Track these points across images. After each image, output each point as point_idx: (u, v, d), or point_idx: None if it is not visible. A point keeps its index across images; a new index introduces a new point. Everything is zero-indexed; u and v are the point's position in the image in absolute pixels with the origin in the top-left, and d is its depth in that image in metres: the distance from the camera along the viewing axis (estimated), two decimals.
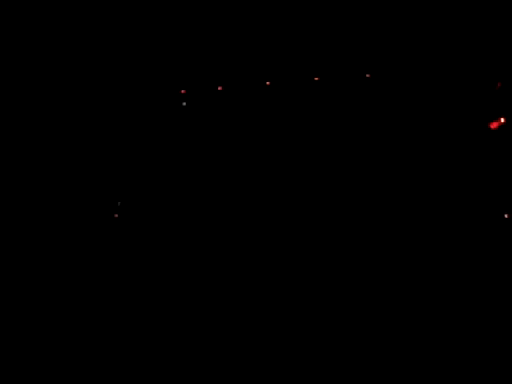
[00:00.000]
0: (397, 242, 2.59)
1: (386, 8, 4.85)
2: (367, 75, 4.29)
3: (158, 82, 4.22)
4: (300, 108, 4.61)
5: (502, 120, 3.47)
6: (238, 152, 3.80)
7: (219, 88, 3.95)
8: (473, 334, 1.84)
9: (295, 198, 2.49)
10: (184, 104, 4.19)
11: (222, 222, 2.34)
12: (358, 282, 2.06)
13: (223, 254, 2.15)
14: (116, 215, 2.80)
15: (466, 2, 4.18)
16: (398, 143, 3.68)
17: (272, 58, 4.24)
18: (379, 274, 2.21)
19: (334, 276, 1.97)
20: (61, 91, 3.60)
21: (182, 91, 4.07)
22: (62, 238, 2.34)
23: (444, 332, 1.90)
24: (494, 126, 3.42)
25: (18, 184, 2.94)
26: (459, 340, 1.83)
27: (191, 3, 4.08)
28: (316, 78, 4.39)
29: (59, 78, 3.53)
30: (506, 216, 3.34)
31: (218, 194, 3.12)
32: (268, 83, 4.03)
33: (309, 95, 4.44)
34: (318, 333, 1.84)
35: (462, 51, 3.92)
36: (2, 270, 2.04)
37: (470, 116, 3.65)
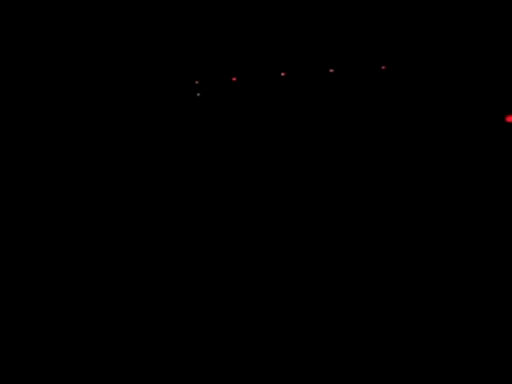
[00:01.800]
0: (399, 241, 2.54)
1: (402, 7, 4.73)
2: (383, 67, 4.23)
3: (172, 73, 4.24)
4: (311, 100, 4.57)
5: None
6: (248, 143, 3.78)
7: (233, 79, 3.95)
8: (473, 334, 1.81)
9: (300, 193, 2.45)
10: (198, 95, 4.19)
11: (229, 211, 2.31)
12: (358, 281, 2.03)
13: (224, 251, 2.12)
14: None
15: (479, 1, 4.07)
16: (410, 138, 3.62)
17: (285, 51, 4.21)
18: (379, 273, 2.17)
19: (333, 276, 1.93)
20: (80, 86, 3.63)
21: (196, 82, 4.08)
22: (64, 237, 2.36)
23: (444, 332, 1.87)
24: (511, 119, 3.33)
25: (20, 184, 2.97)
26: (459, 340, 1.80)
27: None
28: (331, 70, 4.34)
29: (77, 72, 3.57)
30: None
31: (227, 184, 3.10)
32: (283, 74, 4.00)
33: (320, 87, 4.39)
34: (317, 332, 1.81)
35: (478, 47, 3.83)
36: (2, 270, 2.07)
37: (487, 109, 3.57)
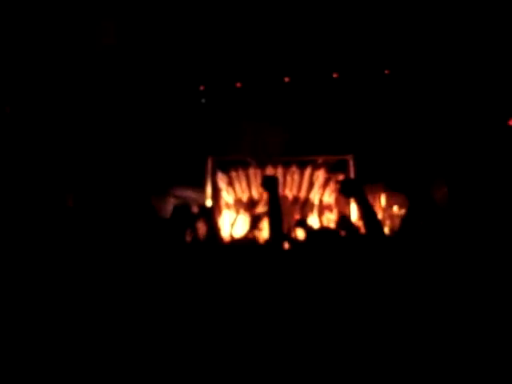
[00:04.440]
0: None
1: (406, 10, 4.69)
2: (386, 71, 4.22)
3: (177, 78, 4.26)
4: (316, 103, 4.53)
5: None
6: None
7: (238, 85, 3.98)
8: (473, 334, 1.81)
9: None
10: (203, 101, 4.22)
11: None
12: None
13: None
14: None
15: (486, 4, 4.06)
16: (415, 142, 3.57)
17: (289, 56, 4.22)
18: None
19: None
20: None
21: (201, 87, 4.11)
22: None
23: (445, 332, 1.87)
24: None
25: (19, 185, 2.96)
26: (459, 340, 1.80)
27: (211, 3, 4.10)
28: (335, 75, 4.34)
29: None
30: None
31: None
32: (287, 80, 4.03)
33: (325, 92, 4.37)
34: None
35: (480, 51, 3.80)
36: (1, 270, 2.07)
37: (490, 113, 3.55)
